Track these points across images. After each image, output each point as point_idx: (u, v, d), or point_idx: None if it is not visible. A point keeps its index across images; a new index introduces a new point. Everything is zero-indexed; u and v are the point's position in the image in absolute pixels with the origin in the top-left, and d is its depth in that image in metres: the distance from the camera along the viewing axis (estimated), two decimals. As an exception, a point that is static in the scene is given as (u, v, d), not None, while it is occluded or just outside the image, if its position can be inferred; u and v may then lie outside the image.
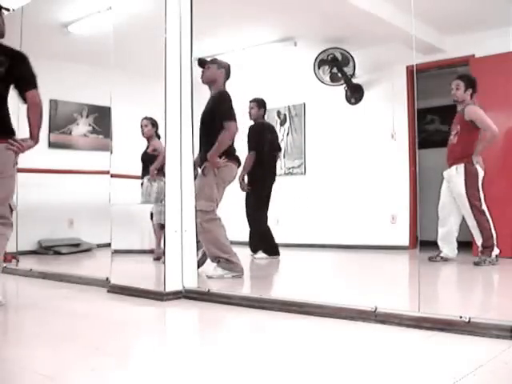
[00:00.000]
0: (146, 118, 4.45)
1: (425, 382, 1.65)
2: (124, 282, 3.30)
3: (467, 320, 2.12)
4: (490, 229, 4.17)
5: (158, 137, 4.39)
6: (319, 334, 2.29)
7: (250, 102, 5.16)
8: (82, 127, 6.33)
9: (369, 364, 1.84)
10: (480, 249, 4.21)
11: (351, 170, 6.04)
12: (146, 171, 4.47)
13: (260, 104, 5.17)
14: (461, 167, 4.27)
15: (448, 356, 1.89)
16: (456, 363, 1.80)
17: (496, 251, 4.15)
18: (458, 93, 4.29)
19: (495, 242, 4.16)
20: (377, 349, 2.04)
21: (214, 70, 3.84)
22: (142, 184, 4.47)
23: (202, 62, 3.86)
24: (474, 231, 4.25)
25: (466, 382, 1.59)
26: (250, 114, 5.16)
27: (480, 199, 4.21)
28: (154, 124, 4.40)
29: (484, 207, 4.22)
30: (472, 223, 4.24)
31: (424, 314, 2.26)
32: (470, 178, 4.22)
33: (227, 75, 3.91)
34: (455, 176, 4.29)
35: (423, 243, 4.31)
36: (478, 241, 4.23)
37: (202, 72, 3.86)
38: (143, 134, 4.47)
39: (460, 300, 3.05)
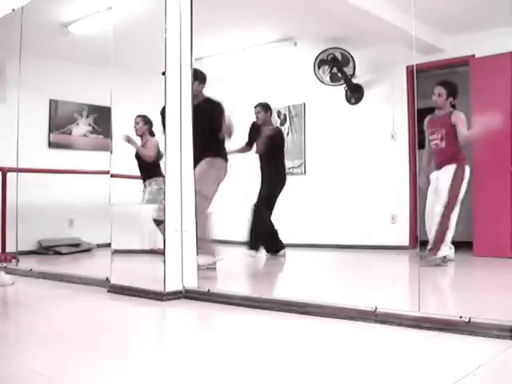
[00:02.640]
0: (138, 116, 4.49)
1: (425, 382, 1.65)
2: (124, 282, 3.30)
3: (467, 320, 2.12)
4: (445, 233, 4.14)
5: (152, 134, 4.43)
6: (319, 334, 2.29)
7: (256, 107, 5.19)
8: (82, 127, 6.33)
9: (369, 364, 1.84)
10: (429, 247, 4.19)
11: (351, 169, 6.03)
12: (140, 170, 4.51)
13: (266, 107, 5.22)
14: (452, 167, 4.25)
15: (448, 356, 1.89)
16: (456, 363, 1.80)
17: (442, 253, 4.12)
18: (439, 100, 4.30)
19: (444, 247, 4.13)
20: (377, 349, 2.04)
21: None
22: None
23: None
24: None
25: (466, 382, 1.59)
26: (257, 118, 5.21)
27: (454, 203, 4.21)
28: (147, 122, 4.44)
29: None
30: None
31: (424, 314, 2.26)
32: (457, 179, 4.22)
33: None
34: (442, 176, 4.28)
35: (423, 243, 4.31)
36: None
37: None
38: (136, 131, 4.51)
39: (460, 300, 3.06)
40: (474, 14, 4.73)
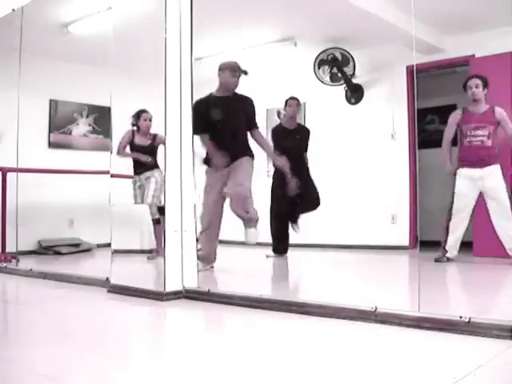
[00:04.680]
0: (148, 113, 4.55)
1: (425, 382, 1.65)
2: (124, 282, 3.30)
3: (467, 320, 2.12)
4: None
5: None
6: (319, 334, 2.29)
7: (288, 100, 5.10)
8: (81, 127, 6.33)
9: (369, 364, 1.84)
10: None
11: (351, 169, 6.03)
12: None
13: (299, 102, 5.14)
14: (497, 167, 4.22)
15: (448, 356, 1.89)
16: (456, 363, 1.80)
17: None
18: (478, 91, 4.26)
19: None
20: (377, 349, 2.04)
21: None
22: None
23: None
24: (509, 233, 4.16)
25: (466, 382, 1.59)
26: (290, 110, 5.10)
27: None
28: (151, 119, 4.57)
29: None
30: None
31: (424, 314, 2.26)
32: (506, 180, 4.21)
33: None
34: (491, 176, 4.22)
35: (423, 243, 4.30)
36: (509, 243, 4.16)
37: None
38: (148, 127, 4.55)
39: (460, 300, 3.06)
40: (474, 14, 4.73)
